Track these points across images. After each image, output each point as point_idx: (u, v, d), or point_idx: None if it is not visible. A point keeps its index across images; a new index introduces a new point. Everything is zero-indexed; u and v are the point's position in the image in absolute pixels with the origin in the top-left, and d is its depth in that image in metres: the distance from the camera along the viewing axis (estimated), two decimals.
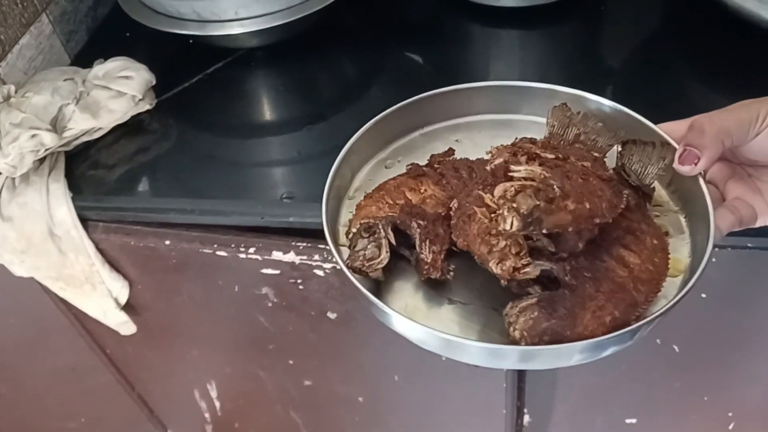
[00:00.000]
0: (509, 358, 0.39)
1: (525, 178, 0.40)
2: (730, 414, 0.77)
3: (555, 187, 0.39)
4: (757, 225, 0.44)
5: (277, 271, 0.64)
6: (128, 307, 0.73)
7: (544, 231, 0.38)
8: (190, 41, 0.76)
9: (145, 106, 0.69)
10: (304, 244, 0.63)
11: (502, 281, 0.38)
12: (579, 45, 0.75)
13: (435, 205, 0.44)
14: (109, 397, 0.93)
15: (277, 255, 0.63)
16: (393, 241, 0.42)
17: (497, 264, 0.38)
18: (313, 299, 0.67)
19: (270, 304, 0.69)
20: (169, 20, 0.71)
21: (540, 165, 0.42)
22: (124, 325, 0.74)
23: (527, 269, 0.38)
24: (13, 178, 0.65)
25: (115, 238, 0.67)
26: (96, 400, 0.96)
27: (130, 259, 0.69)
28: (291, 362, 0.78)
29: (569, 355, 0.38)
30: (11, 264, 0.67)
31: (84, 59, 0.79)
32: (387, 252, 0.41)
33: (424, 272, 0.42)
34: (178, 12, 0.70)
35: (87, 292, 0.70)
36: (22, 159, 0.63)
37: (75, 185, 0.66)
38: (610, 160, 0.46)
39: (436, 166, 0.49)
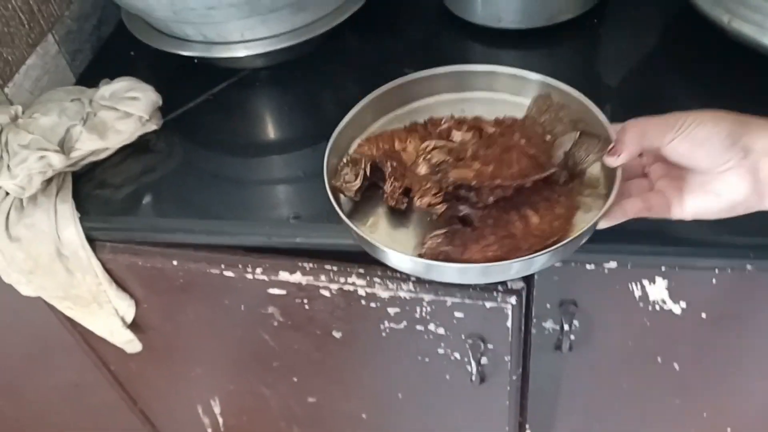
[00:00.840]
0: (411, 264, 0.50)
1: (454, 140, 0.53)
2: (728, 430, 0.78)
3: (469, 150, 0.51)
4: (674, 218, 0.50)
5: (284, 292, 0.65)
6: (134, 326, 0.73)
7: (451, 180, 0.49)
8: (195, 61, 0.77)
9: (152, 127, 0.70)
10: (311, 265, 0.64)
11: (429, 217, 0.51)
12: (578, 65, 0.76)
13: (411, 153, 0.55)
14: (112, 413, 0.94)
15: (283, 275, 0.64)
16: (368, 173, 0.54)
17: (418, 198, 0.50)
18: (318, 319, 0.67)
19: (276, 323, 0.69)
20: (175, 41, 0.72)
21: (477, 134, 0.53)
22: (129, 343, 0.74)
23: (438, 206, 0.50)
24: (21, 199, 0.65)
25: (122, 258, 0.67)
26: (98, 416, 0.96)
27: (137, 279, 0.69)
28: (295, 379, 0.78)
29: (451, 272, 0.49)
30: (18, 284, 0.68)
31: (89, 78, 0.80)
32: (361, 180, 0.53)
33: (384, 200, 0.54)
34: (185, 33, 0.71)
35: (94, 311, 0.71)
36: (30, 180, 0.63)
37: (82, 205, 0.66)
38: None
39: (427, 125, 0.58)
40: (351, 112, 0.58)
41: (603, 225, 0.50)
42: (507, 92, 0.61)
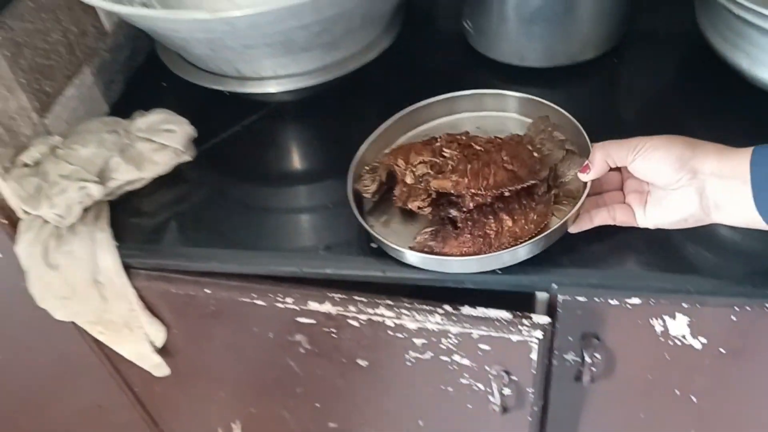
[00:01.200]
0: (405, 256, 0.60)
1: (441, 155, 0.62)
2: None
3: (450, 164, 0.61)
4: (639, 226, 0.59)
5: (313, 321, 0.67)
6: (161, 350, 0.75)
7: (433, 188, 0.60)
8: (227, 93, 0.79)
9: (186, 158, 0.72)
10: (340, 296, 0.65)
11: (426, 217, 0.62)
12: (597, 102, 0.78)
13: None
14: None
15: (313, 305, 0.66)
16: (383, 179, 0.65)
17: (410, 201, 0.61)
18: (345, 347, 0.69)
19: (302, 351, 0.71)
20: (209, 76, 0.74)
21: (462, 151, 0.62)
22: (158, 367, 0.76)
23: (425, 209, 0.61)
24: (60, 228, 0.67)
25: (155, 285, 0.69)
26: None
27: (169, 305, 0.71)
28: (317, 405, 0.80)
29: (432, 262, 0.59)
30: (53, 309, 0.70)
31: (121, 107, 0.82)
32: (378, 185, 0.64)
33: (394, 202, 0.63)
34: (219, 68, 0.74)
35: (125, 336, 0.72)
36: (69, 210, 0.66)
37: (118, 233, 0.68)
38: None
39: (440, 139, 0.66)
40: (377, 131, 0.68)
41: (573, 230, 0.60)
42: (515, 112, 0.72)
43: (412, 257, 0.60)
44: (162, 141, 0.70)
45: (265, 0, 0.66)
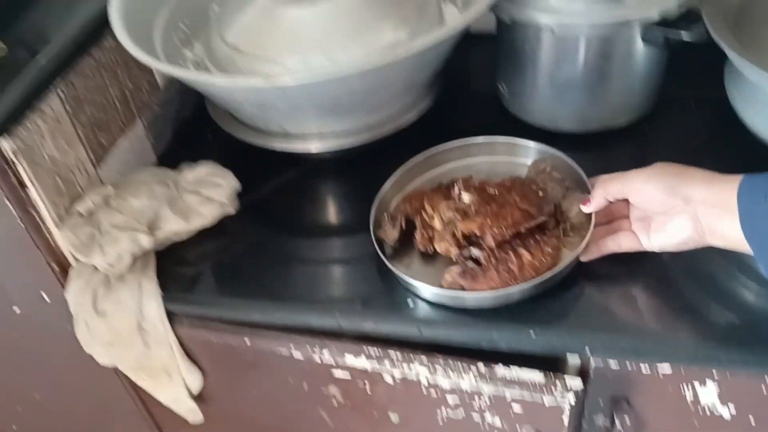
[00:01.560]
0: (435, 294, 0.65)
1: (463, 200, 0.68)
2: None
3: (472, 207, 0.67)
4: (645, 250, 0.63)
5: (348, 375, 0.69)
6: (197, 396, 0.77)
7: (460, 230, 0.66)
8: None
9: (231, 211, 0.75)
10: (376, 351, 0.67)
11: (449, 258, 0.67)
12: (628, 167, 0.80)
13: (432, 210, 0.70)
14: None
15: (349, 359, 0.68)
16: (403, 226, 0.70)
17: (438, 244, 0.67)
18: (377, 401, 0.71)
19: (335, 403, 0.73)
20: (257, 133, 0.78)
21: (480, 193, 0.69)
22: (192, 413, 0.78)
23: (451, 250, 0.66)
24: (109, 275, 0.70)
25: (196, 333, 0.71)
26: None
27: (208, 354, 0.73)
28: None
29: (462, 298, 0.64)
30: (98, 355, 0.72)
31: (169, 157, 0.86)
32: (398, 232, 0.69)
33: (416, 246, 0.69)
34: (265, 125, 0.77)
35: (163, 382, 0.75)
36: (120, 259, 0.69)
37: (162, 281, 0.71)
38: None
39: (448, 186, 0.72)
40: (391, 179, 0.74)
41: (584, 259, 0.65)
42: (524, 157, 0.77)
43: (443, 296, 0.64)
44: (209, 194, 0.74)
45: (315, 65, 0.70)
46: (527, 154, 0.77)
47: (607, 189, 0.63)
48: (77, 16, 0.74)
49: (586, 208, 0.65)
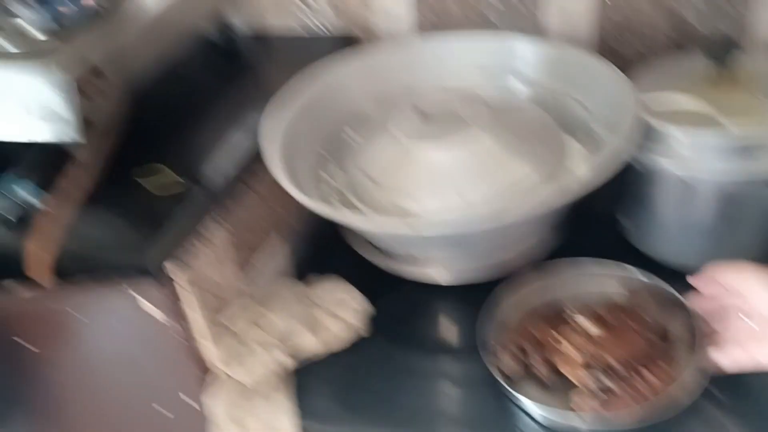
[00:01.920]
0: (570, 419, 0.68)
1: (584, 327, 0.73)
2: None
3: (600, 335, 0.71)
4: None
5: None
6: None
7: (602, 359, 0.69)
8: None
9: (363, 334, 0.80)
10: None
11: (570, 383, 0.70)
12: None
13: (554, 339, 0.73)
14: None
15: None
16: (521, 358, 0.73)
17: (570, 372, 0.70)
18: None
19: None
20: (383, 256, 0.83)
21: (601, 325, 0.72)
22: None
23: (584, 377, 0.69)
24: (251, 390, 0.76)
25: None
26: None
27: None
28: None
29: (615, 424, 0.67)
30: None
31: (300, 272, 0.92)
32: (518, 364, 0.72)
33: (538, 376, 0.72)
34: (397, 252, 0.82)
35: None
36: (263, 376, 0.74)
37: (297, 399, 0.76)
38: None
39: (569, 313, 0.76)
40: (498, 311, 0.75)
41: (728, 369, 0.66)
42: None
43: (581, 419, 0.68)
44: (345, 317, 0.79)
45: (452, 205, 0.75)
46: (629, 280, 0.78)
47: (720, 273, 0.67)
48: (235, 153, 0.82)
49: (717, 357, 0.67)
